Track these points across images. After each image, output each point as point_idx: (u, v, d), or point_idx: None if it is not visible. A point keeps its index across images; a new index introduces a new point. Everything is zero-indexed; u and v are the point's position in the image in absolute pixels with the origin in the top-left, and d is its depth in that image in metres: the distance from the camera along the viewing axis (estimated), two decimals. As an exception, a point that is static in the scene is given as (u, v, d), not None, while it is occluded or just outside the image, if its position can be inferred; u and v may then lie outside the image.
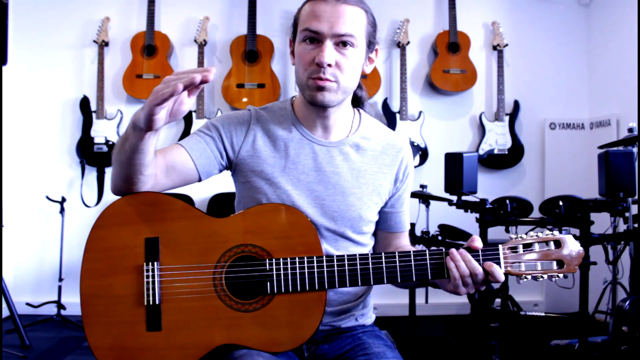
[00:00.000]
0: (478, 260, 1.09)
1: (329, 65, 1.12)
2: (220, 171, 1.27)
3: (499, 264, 1.09)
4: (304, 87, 1.18)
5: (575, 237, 2.62)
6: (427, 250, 1.11)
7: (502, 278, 1.07)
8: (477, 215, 2.66)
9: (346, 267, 1.10)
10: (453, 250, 1.09)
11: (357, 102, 1.33)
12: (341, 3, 1.12)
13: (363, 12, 1.16)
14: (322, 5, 1.13)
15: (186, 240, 1.12)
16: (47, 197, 3.49)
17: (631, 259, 2.59)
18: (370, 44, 1.20)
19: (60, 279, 3.45)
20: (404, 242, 1.35)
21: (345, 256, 1.11)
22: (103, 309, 1.10)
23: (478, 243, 1.10)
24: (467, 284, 1.09)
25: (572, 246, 1.09)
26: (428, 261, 1.10)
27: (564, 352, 2.83)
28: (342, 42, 1.13)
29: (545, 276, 1.09)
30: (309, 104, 1.20)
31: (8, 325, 3.08)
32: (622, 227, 2.65)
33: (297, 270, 1.10)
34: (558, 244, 1.10)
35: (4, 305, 2.88)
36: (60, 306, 3.42)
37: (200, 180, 1.23)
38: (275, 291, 1.10)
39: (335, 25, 1.11)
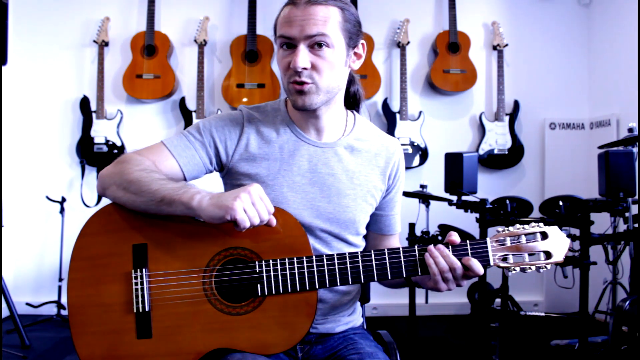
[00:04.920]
0: (466, 254, 1.09)
1: (304, 68, 1.12)
2: (207, 174, 1.25)
3: (487, 257, 1.10)
4: (286, 92, 1.19)
5: (575, 236, 2.62)
6: (400, 248, 1.11)
7: (480, 272, 1.08)
8: (477, 215, 2.66)
9: (336, 266, 1.10)
10: (431, 246, 1.10)
11: (353, 98, 1.32)
12: (311, 5, 1.12)
13: (336, 9, 1.14)
14: (293, 10, 1.13)
15: (174, 245, 1.10)
16: (47, 197, 3.49)
17: (631, 259, 2.59)
18: (352, 40, 1.18)
19: (60, 279, 3.45)
20: (393, 244, 1.35)
21: (335, 255, 1.11)
22: (92, 318, 1.08)
23: (455, 238, 1.10)
24: (447, 280, 1.09)
25: (558, 237, 1.11)
26: (402, 258, 1.10)
27: (564, 352, 2.83)
28: (316, 44, 1.12)
29: (534, 267, 1.10)
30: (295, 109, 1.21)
31: (8, 325, 3.08)
32: (622, 227, 2.66)
33: (287, 271, 1.09)
34: (544, 235, 1.11)
35: (4, 305, 2.88)
36: (60, 306, 3.43)
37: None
38: (266, 293, 1.09)
39: (306, 27, 1.11)
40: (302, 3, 1.12)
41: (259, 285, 1.09)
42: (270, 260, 1.09)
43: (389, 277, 1.11)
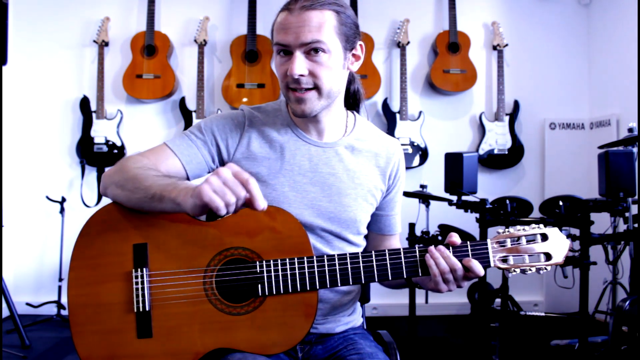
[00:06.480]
0: (467, 255, 1.09)
1: (302, 75, 1.12)
2: (210, 172, 1.24)
3: (487, 258, 1.10)
4: (286, 98, 1.19)
5: (574, 237, 2.62)
6: (401, 249, 1.11)
7: (481, 273, 1.08)
8: (477, 215, 2.66)
9: (337, 267, 1.10)
10: (431, 247, 1.10)
11: (353, 98, 1.32)
12: (305, 10, 1.11)
13: (331, 13, 1.13)
14: (288, 17, 1.12)
15: (175, 245, 1.10)
16: (47, 197, 3.49)
17: (631, 259, 2.59)
18: (349, 42, 1.17)
19: (60, 279, 3.45)
20: (394, 244, 1.36)
21: (336, 255, 1.11)
22: (92, 317, 1.08)
23: (456, 239, 1.11)
24: (447, 281, 1.09)
25: (558, 238, 1.12)
26: (403, 259, 1.11)
27: (564, 352, 2.83)
28: (313, 50, 1.11)
29: (534, 269, 1.11)
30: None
31: (8, 325, 3.08)
32: (622, 227, 2.66)
33: (288, 272, 1.09)
34: (545, 237, 1.12)
35: (4, 305, 2.88)
36: (60, 306, 3.43)
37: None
38: (267, 293, 1.09)
39: (301, 34, 1.10)
40: (296, 9, 1.11)
41: (259, 285, 1.09)
42: (271, 260, 1.09)
43: (390, 278, 1.11)
